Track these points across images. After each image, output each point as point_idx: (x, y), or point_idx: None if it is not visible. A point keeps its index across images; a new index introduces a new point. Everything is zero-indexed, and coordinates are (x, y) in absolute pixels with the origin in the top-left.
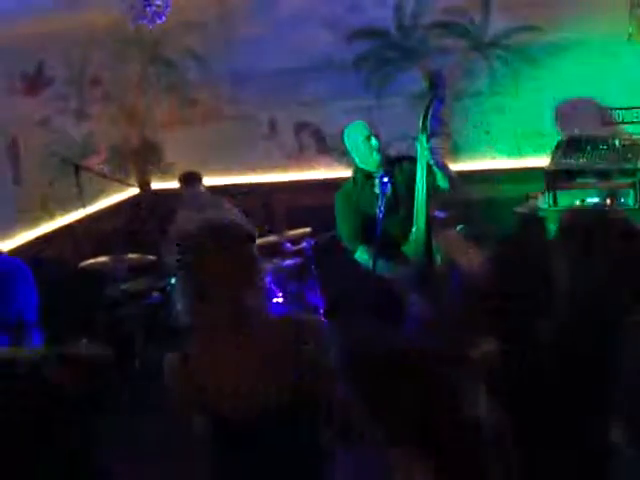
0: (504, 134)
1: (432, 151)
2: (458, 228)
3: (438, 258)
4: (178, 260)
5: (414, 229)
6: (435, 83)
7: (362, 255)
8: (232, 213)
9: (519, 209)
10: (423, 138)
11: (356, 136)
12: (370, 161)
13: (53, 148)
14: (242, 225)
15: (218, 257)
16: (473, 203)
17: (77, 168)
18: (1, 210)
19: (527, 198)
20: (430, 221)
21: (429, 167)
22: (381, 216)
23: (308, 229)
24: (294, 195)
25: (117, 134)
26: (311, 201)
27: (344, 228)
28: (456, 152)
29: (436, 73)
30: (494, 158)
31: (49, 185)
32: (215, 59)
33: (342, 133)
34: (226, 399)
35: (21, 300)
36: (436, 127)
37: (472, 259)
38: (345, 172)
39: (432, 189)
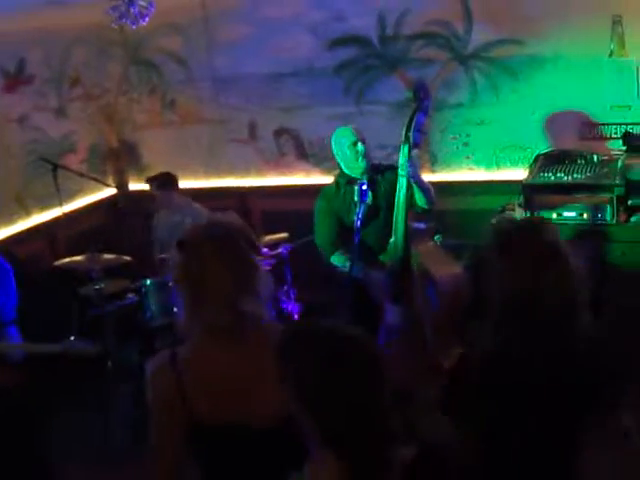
0: (482, 146)
1: (411, 164)
2: (435, 238)
3: (415, 268)
4: (177, 265)
5: (392, 239)
6: (419, 95)
7: (338, 258)
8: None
9: (495, 221)
10: (405, 149)
11: (343, 140)
12: (355, 167)
13: (31, 146)
14: (242, 228)
15: (215, 260)
16: (450, 214)
17: (55, 167)
18: None
19: (503, 210)
20: (409, 232)
21: (408, 179)
22: (359, 224)
23: (285, 234)
24: (271, 200)
25: (96, 134)
26: (288, 206)
27: (320, 232)
28: (434, 163)
29: (420, 84)
30: (472, 170)
31: (26, 183)
32: (196, 62)
33: (322, 140)
34: (210, 404)
35: (3, 297)
36: (418, 139)
37: (449, 270)
38: (323, 178)
39: (411, 201)
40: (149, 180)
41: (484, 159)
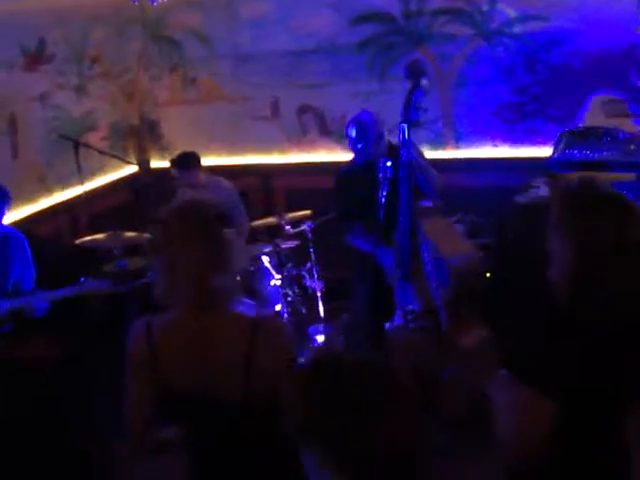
0: (506, 123)
1: (412, 145)
2: (454, 218)
3: (424, 248)
4: (149, 239)
5: (401, 219)
6: (416, 72)
7: (355, 237)
8: (230, 194)
9: (518, 198)
10: (404, 128)
11: (350, 131)
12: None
13: (52, 124)
14: (213, 205)
15: (184, 237)
16: (472, 191)
17: (76, 144)
18: None
19: (528, 187)
20: (416, 210)
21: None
22: (383, 201)
23: (308, 212)
24: (294, 177)
25: (117, 112)
26: (311, 184)
27: (339, 208)
28: (457, 140)
29: (416, 61)
30: (495, 146)
31: (47, 161)
32: (218, 39)
33: (344, 117)
34: (179, 373)
35: (17, 268)
36: (416, 117)
37: (459, 248)
38: (346, 155)
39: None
40: (171, 162)
41: (509, 135)
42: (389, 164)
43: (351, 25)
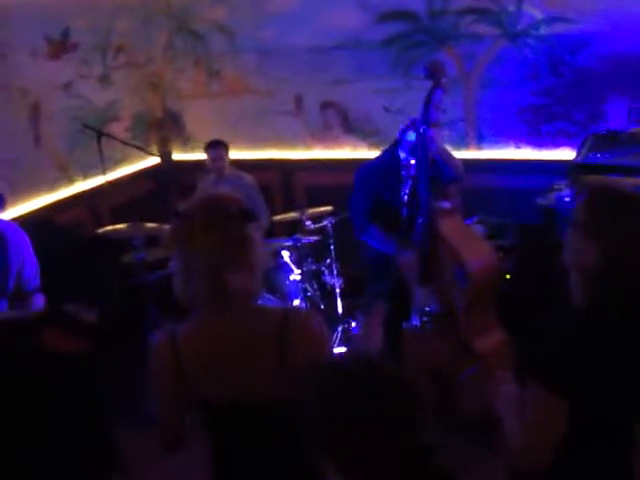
0: (529, 124)
1: (432, 140)
2: (475, 219)
3: (442, 249)
4: (168, 234)
5: (420, 219)
6: (436, 72)
7: (372, 236)
8: (251, 189)
9: (541, 201)
10: (424, 127)
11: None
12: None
13: (75, 113)
14: (236, 201)
15: (204, 232)
16: (493, 192)
17: (99, 134)
18: (20, 172)
19: (551, 190)
20: (434, 211)
21: (431, 157)
22: (406, 198)
23: (329, 207)
24: (316, 173)
25: (140, 103)
26: (333, 180)
27: (357, 206)
28: (480, 140)
29: (436, 62)
30: (518, 148)
31: (70, 150)
32: (243, 33)
33: (368, 114)
34: (209, 380)
35: (18, 265)
36: (435, 117)
37: (478, 249)
38: (369, 153)
39: (434, 179)
40: (207, 144)
41: (531, 137)
42: (413, 162)
43: (376, 22)
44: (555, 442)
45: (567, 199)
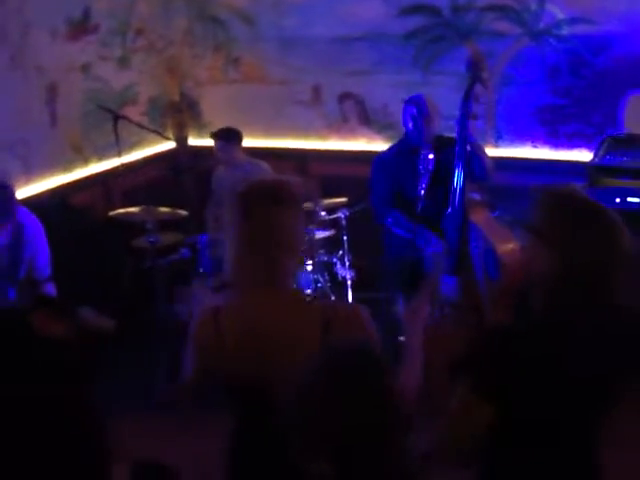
0: (548, 124)
1: (469, 134)
2: (494, 214)
3: (472, 240)
4: (232, 211)
5: (449, 210)
6: (475, 65)
7: (395, 220)
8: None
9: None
10: (463, 120)
11: (412, 108)
12: (418, 136)
13: (92, 95)
14: (291, 185)
15: (256, 212)
16: (509, 190)
17: (116, 117)
18: (36, 152)
19: None
20: (466, 203)
21: (467, 150)
22: (422, 193)
23: (344, 199)
24: (331, 164)
25: (157, 87)
26: (348, 172)
27: (377, 191)
28: (497, 138)
29: (478, 56)
30: (535, 147)
31: (85, 132)
32: (263, 21)
33: (386, 107)
34: (245, 359)
35: (31, 254)
36: (476, 110)
37: (509, 243)
38: (386, 146)
39: (469, 172)
40: (213, 134)
41: (549, 137)
42: (431, 157)
43: (399, 15)
44: (476, 439)
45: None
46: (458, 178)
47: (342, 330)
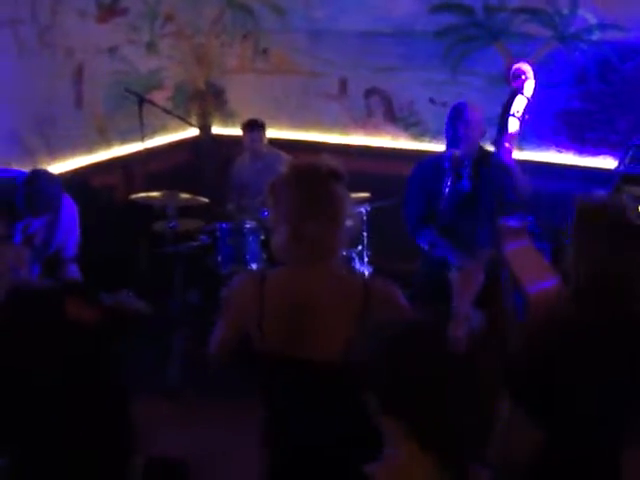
0: (574, 129)
1: (506, 153)
2: (524, 222)
3: (502, 271)
4: (268, 194)
5: (480, 232)
6: (517, 75)
7: (429, 245)
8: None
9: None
10: (500, 139)
11: (453, 114)
12: (456, 147)
13: (118, 78)
14: (329, 164)
15: (292, 186)
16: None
17: (141, 100)
18: (60, 132)
19: None
20: (499, 229)
21: (504, 170)
22: (447, 191)
23: (367, 194)
24: (355, 159)
25: (184, 73)
26: (371, 168)
27: (411, 204)
28: (521, 141)
29: (521, 64)
30: (559, 152)
31: (110, 114)
32: (294, 12)
33: (412, 104)
34: (279, 328)
35: (64, 235)
36: (514, 126)
37: (541, 279)
38: (410, 143)
39: (504, 194)
40: (249, 124)
41: (574, 143)
42: (457, 153)
43: (430, 13)
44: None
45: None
46: (490, 200)
47: (380, 305)
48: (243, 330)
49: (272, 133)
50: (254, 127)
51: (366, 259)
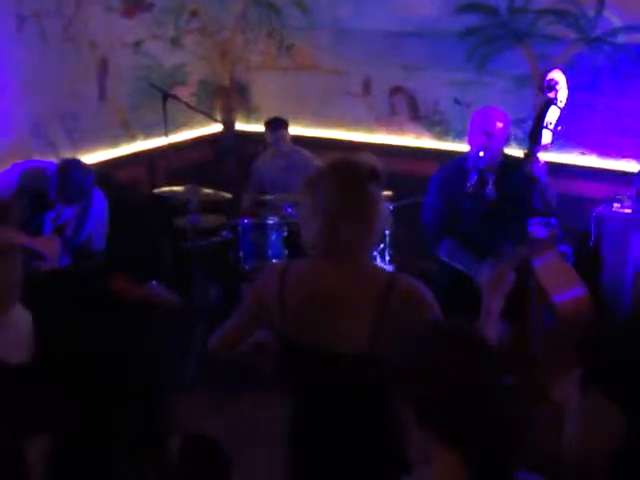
0: (597, 131)
1: (538, 166)
2: (550, 231)
3: (532, 286)
4: (304, 187)
5: (507, 243)
6: (553, 85)
7: (448, 256)
8: (310, 166)
9: (600, 209)
10: (533, 150)
11: (476, 119)
12: (477, 155)
13: (143, 72)
14: (369, 163)
15: (329, 182)
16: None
17: (165, 95)
18: (83, 125)
19: (612, 200)
20: (526, 240)
21: (532, 181)
22: (470, 190)
23: (389, 192)
24: (379, 158)
25: (208, 69)
26: (394, 166)
27: (429, 210)
28: None
29: (555, 72)
30: (583, 154)
31: (133, 108)
32: (319, 10)
33: (436, 103)
34: (300, 321)
35: (93, 229)
36: (547, 139)
37: (569, 290)
38: (434, 143)
39: (530, 203)
40: (273, 122)
41: (597, 145)
42: (482, 154)
43: (455, 12)
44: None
45: (628, 210)
46: (518, 212)
47: (404, 300)
48: (255, 324)
49: (295, 130)
50: (277, 125)
51: (388, 257)
